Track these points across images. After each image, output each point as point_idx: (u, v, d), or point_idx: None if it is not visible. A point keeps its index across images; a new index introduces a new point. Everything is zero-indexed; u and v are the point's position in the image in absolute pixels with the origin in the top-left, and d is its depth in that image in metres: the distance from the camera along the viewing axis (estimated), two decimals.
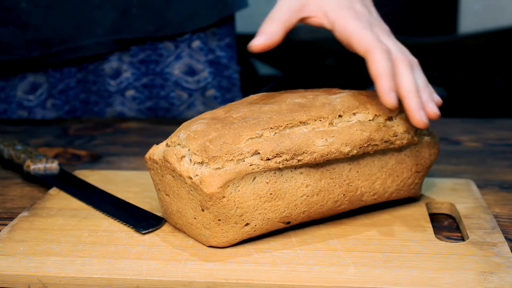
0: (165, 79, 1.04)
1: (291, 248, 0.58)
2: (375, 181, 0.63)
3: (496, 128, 1.01)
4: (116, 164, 0.85)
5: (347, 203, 0.62)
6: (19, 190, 0.75)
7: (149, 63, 1.03)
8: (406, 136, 0.64)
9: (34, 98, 1.04)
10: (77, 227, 0.62)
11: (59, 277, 0.53)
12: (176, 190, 0.59)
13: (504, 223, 0.64)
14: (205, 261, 0.55)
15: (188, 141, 0.58)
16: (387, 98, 0.60)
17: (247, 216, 0.57)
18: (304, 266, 0.54)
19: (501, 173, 0.80)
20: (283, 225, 0.60)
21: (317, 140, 0.59)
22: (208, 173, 0.55)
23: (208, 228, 0.57)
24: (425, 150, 0.66)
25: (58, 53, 1.01)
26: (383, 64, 0.61)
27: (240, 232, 0.58)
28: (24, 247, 0.58)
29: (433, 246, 0.58)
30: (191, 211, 0.58)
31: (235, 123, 0.58)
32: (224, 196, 0.56)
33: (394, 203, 0.67)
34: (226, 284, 0.52)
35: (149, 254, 0.57)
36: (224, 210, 0.56)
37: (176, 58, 1.03)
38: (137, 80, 1.04)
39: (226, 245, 0.58)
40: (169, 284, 0.52)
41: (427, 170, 0.68)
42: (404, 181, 0.65)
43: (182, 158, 0.57)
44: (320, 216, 0.62)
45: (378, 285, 0.51)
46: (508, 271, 0.53)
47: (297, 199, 0.59)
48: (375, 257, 0.55)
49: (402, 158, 0.65)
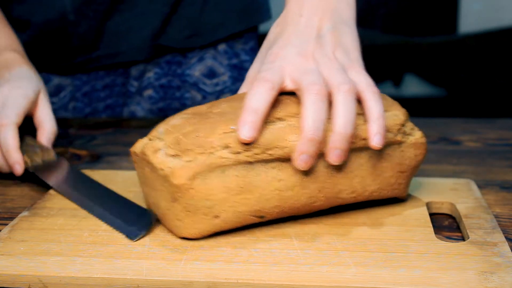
0: (184, 80, 1.04)
1: (291, 248, 0.58)
2: (353, 179, 0.63)
3: (496, 128, 1.01)
4: (116, 164, 0.85)
5: (324, 200, 0.62)
6: (19, 190, 0.75)
7: (172, 64, 1.04)
8: (387, 135, 0.63)
9: (57, 100, 1.05)
10: (77, 227, 0.62)
11: (59, 277, 0.53)
12: (153, 182, 0.61)
13: (505, 223, 0.64)
14: (205, 261, 0.55)
15: (165, 135, 0.59)
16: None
17: (216, 208, 0.58)
18: (304, 266, 0.54)
19: (501, 173, 0.80)
20: (257, 219, 0.60)
21: (290, 136, 0.59)
22: (179, 165, 0.57)
23: (180, 220, 0.59)
24: (411, 150, 0.65)
25: (98, 58, 1.02)
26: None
27: (211, 224, 0.59)
28: (24, 247, 0.58)
29: (433, 246, 0.58)
30: (164, 202, 0.60)
31: (211, 118, 0.60)
32: (192, 187, 0.57)
33: (394, 203, 0.67)
34: (226, 284, 0.52)
35: (150, 253, 0.57)
36: (193, 202, 0.57)
37: (200, 59, 1.04)
38: (157, 80, 1.05)
39: (197, 236, 0.59)
40: (170, 283, 0.52)
41: (413, 171, 0.67)
42: (386, 180, 0.65)
43: (157, 151, 0.59)
44: (296, 212, 0.62)
45: (378, 285, 0.51)
46: (508, 271, 0.53)
47: (269, 193, 0.59)
48: (376, 257, 0.55)
49: (384, 157, 0.64)
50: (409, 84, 3.02)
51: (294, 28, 0.66)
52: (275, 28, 0.69)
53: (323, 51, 0.63)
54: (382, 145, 0.60)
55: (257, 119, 0.57)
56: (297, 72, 0.61)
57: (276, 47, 0.65)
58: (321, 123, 0.58)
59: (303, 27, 0.66)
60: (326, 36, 0.65)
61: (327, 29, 0.65)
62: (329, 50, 0.64)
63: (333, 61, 0.62)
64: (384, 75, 3.00)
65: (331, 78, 0.60)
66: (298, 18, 0.67)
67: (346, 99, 0.58)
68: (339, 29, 0.66)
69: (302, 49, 0.63)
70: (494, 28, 2.87)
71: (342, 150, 0.59)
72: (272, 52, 0.64)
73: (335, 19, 0.66)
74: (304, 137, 0.57)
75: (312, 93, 0.58)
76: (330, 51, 0.63)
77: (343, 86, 0.59)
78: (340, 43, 0.65)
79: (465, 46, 2.88)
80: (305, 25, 0.66)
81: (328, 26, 0.65)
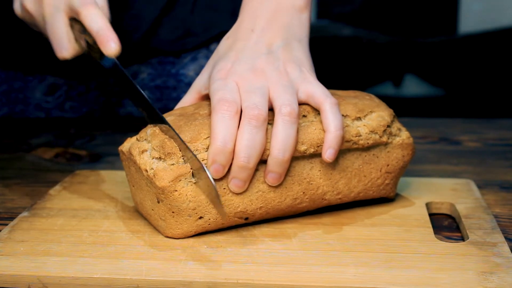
0: (179, 80, 1.04)
1: (291, 248, 0.58)
2: (338, 181, 0.63)
3: (496, 128, 1.01)
4: (116, 164, 0.85)
5: (308, 201, 0.62)
6: (19, 190, 0.75)
7: (166, 64, 1.04)
8: (372, 136, 0.63)
9: (52, 100, 1.05)
10: (77, 227, 0.62)
11: (59, 277, 0.53)
12: (139, 181, 0.62)
13: (504, 223, 0.64)
14: (205, 261, 0.55)
15: (152, 136, 0.60)
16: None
17: (200, 209, 0.59)
18: (304, 266, 0.54)
19: (501, 173, 0.80)
20: (241, 220, 0.61)
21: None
22: (162, 168, 0.58)
23: (164, 220, 0.59)
24: (398, 151, 0.66)
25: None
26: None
27: (195, 225, 0.59)
28: (24, 247, 0.58)
29: (433, 246, 0.58)
30: (149, 202, 0.61)
31: (197, 120, 0.60)
32: (176, 190, 0.57)
33: (394, 203, 0.67)
34: (226, 284, 0.52)
35: (149, 254, 0.57)
36: (177, 203, 0.58)
37: (192, 59, 1.04)
38: (152, 81, 1.05)
39: (181, 236, 0.59)
40: (169, 284, 0.52)
41: (401, 171, 0.67)
42: (372, 182, 0.65)
43: (143, 152, 0.60)
44: (281, 214, 0.62)
45: (378, 285, 0.51)
46: (508, 271, 0.53)
47: (252, 195, 0.60)
48: (375, 257, 0.56)
49: (371, 158, 0.64)
50: (409, 84, 3.02)
51: (244, 43, 0.66)
52: (226, 40, 0.68)
53: (274, 66, 0.63)
54: (333, 160, 0.60)
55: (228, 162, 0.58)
56: (244, 89, 0.61)
57: (227, 62, 0.64)
58: (254, 151, 0.58)
59: (254, 43, 0.65)
60: (277, 52, 0.65)
61: (278, 46, 0.65)
62: (281, 65, 0.63)
63: (283, 76, 0.62)
64: (384, 75, 3.00)
65: (275, 98, 0.60)
66: (249, 33, 0.66)
67: (285, 123, 0.58)
68: (291, 44, 0.66)
69: (252, 65, 0.63)
70: (494, 28, 2.87)
71: (277, 174, 0.59)
72: (223, 67, 0.64)
73: (287, 36, 0.66)
74: (234, 161, 0.58)
75: (247, 117, 0.58)
76: (281, 66, 0.63)
77: (284, 109, 0.59)
78: (292, 57, 0.65)
79: (465, 46, 2.88)
80: (256, 40, 0.65)
81: (279, 42, 0.65)
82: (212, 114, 0.58)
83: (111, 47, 0.64)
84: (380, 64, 2.95)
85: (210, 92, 0.61)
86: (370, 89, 2.80)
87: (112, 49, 0.65)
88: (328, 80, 0.79)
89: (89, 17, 0.66)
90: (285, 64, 0.64)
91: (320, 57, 2.25)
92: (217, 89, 0.60)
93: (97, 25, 0.66)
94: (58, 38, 0.69)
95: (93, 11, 0.67)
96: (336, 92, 0.66)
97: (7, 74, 1.03)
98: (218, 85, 0.61)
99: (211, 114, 0.59)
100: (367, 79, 2.96)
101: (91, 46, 0.68)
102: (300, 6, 0.69)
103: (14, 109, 1.05)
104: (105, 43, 0.65)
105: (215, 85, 0.61)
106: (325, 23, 3.30)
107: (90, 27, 0.66)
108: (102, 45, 0.65)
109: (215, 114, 0.58)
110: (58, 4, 0.70)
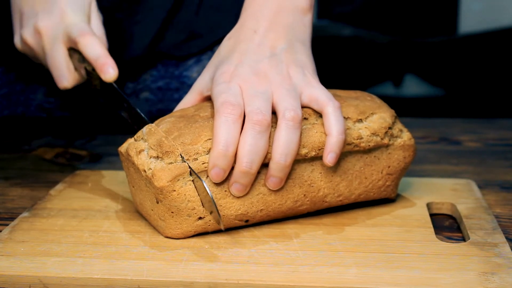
0: (182, 82, 1.04)
1: (292, 248, 0.58)
2: (339, 183, 0.63)
3: (496, 128, 1.01)
4: (116, 164, 0.85)
5: (309, 204, 0.62)
6: (19, 191, 0.75)
7: (169, 66, 1.04)
8: (373, 139, 0.63)
9: (54, 100, 1.05)
10: (77, 228, 0.62)
11: (60, 278, 0.53)
12: (138, 182, 0.62)
13: (505, 223, 0.64)
14: (206, 261, 0.55)
15: (148, 135, 0.60)
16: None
17: (199, 210, 0.58)
18: (305, 267, 0.54)
19: (501, 173, 0.80)
20: (241, 223, 0.61)
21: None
22: (160, 167, 0.57)
23: (163, 220, 0.59)
24: (399, 153, 0.65)
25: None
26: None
27: (194, 225, 0.59)
28: (24, 247, 0.58)
29: (434, 246, 0.58)
30: (149, 202, 0.61)
31: (198, 122, 0.60)
32: (175, 189, 0.57)
33: (394, 203, 0.67)
34: (227, 285, 0.52)
35: (150, 254, 0.57)
36: (176, 203, 0.58)
37: (197, 61, 1.04)
38: (154, 83, 1.04)
39: (181, 236, 0.59)
40: (170, 284, 0.52)
41: (402, 172, 0.67)
42: (373, 183, 0.65)
43: (140, 152, 0.60)
44: (282, 216, 0.62)
45: (379, 286, 0.51)
46: (509, 271, 0.53)
47: (253, 197, 0.60)
48: (376, 257, 0.55)
49: (372, 160, 0.64)
50: (409, 84, 3.02)
51: (247, 45, 0.65)
52: (228, 40, 0.68)
53: (277, 69, 0.63)
54: (334, 164, 0.60)
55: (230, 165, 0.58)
56: (247, 92, 0.60)
57: (230, 64, 0.64)
58: (257, 156, 0.58)
59: (257, 45, 0.65)
60: (280, 55, 0.64)
61: (281, 48, 0.65)
62: (284, 68, 0.63)
63: (286, 80, 0.62)
64: (384, 75, 3.00)
65: (279, 102, 0.60)
66: (252, 35, 0.66)
67: (288, 128, 0.58)
68: (294, 47, 0.66)
69: (256, 68, 0.63)
70: (494, 28, 2.86)
71: (279, 178, 0.59)
72: (226, 70, 0.63)
73: (290, 37, 0.66)
74: (236, 165, 0.58)
75: (251, 122, 0.58)
76: (284, 69, 0.63)
77: (288, 113, 0.58)
78: (295, 60, 0.64)
79: (465, 46, 2.88)
80: (259, 42, 0.65)
81: (282, 45, 0.65)
82: (215, 117, 0.58)
83: (110, 73, 0.69)
84: (380, 64, 2.95)
85: (213, 94, 0.61)
86: (370, 89, 2.80)
87: (111, 75, 0.69)
88: (328, 80, 0.79)
89: (88, 46, 0.70)
90: (288, 67, 0.63)
91: (320, 57, 2.25)
92: (220, 92, 0.60)
93: (95, 52, 0.69)
94: (58, 69, 0.72)
95: (91, 40, 0.70)
96: (337, 92, 0.66)
97: (8, 76, 1.03)
98: (222, 88, 0.61)
99: (214, 116, 0.59)
100: (367, 79, 2.96)
101: (90, 73, 0.71)
102: (303, 8, 0.68)
103: (15, 111, 1.05)
104: (105, 69, 0.69)
105: (219, 88, 0.61)
106: (325, 23, 3.30)
107: (89, 55, 0.69)
108: (101, 71, 0.69)
109: (218, 116, 0.58)
110: (56, 35, 0.72)
